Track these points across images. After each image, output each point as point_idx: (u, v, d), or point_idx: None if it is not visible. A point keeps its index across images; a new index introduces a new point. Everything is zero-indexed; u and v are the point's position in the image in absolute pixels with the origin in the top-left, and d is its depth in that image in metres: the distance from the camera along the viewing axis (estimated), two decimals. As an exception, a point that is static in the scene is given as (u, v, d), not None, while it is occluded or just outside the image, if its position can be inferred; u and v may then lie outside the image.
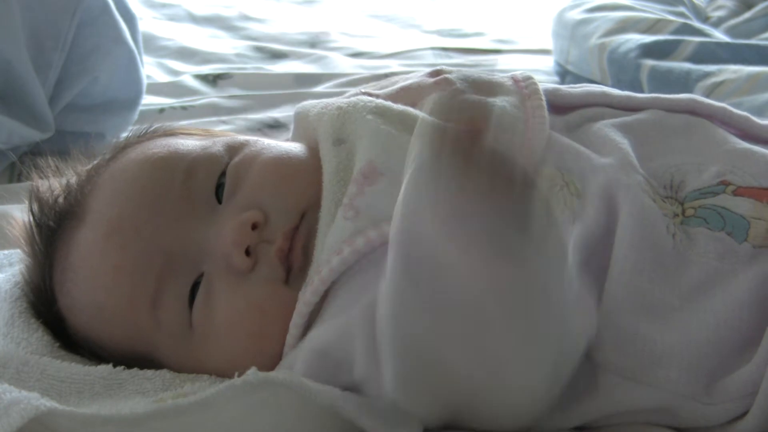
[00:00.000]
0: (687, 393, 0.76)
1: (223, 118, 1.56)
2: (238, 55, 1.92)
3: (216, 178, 0.86)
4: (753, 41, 1.58)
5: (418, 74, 0.96)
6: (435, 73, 0.94)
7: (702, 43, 1.52)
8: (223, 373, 0.80)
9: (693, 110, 0.90)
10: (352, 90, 0.98)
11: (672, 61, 1.50)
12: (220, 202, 0.85)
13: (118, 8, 1.42)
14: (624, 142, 0.85)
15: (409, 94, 0.91)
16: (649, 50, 1.52)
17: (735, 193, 0.82)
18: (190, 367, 0.83)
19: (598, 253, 0.79)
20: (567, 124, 0.89)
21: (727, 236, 0.80)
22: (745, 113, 0.91)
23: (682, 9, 1.72)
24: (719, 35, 1.62)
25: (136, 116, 1.49)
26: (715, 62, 1.47)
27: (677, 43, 1.53)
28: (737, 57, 1.48)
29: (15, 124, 1.32)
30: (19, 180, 1.35)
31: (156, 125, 0.97)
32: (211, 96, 1.68)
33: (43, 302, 0.89)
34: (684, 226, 0.80)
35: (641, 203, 0.80)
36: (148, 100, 1.59)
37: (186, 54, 1.91)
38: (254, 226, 0.82)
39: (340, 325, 0.76)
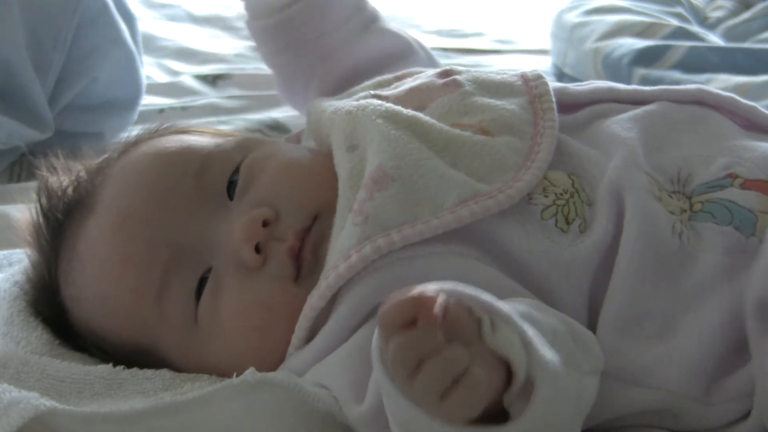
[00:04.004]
0: (687, 394, 0.76)
1: (223, 118, 1.56)
2: (238, 55, 1.91)
3: (228, 174, 0.87)
4: (745, 45, 1.58)
5: (427, 74, 0.95)
6: (444, 74, 0.93)
7: (692, 48, 1.52)
8: (225, 371, 0.80)
9: (701, 101, 0.90)
10: (363, 87, 0.97)
11: (661, 68, 1.50)
12: (231, 199, 0.86)
13: (117, 8, 1.42)
14: (631, 137, 0.85)
15: (419, 96, 0.91)
16: (641, 56, 1.53)
17: (742, 186, 0.82)
18: (192, 362, 0.84)
19: (606, 261, 0.79)
20: (575, 124, 0.89)
21: (734, 230, 0.79)
22: (753, 103, 0.91)
23: (680, 10, 1.72)
24: (713, 38, 1.62)
25: (135, 116, 1.49)
26: (706, 67, 1.47)
27: (666, 48, 1.53)
28: (729, 61, 1.48)
29: (15, 124, 1.33)
30: (19, 180, 1.35)
31: (167, 123, 0.98)
32: (211, 96, 1.68)
33: (47, 294, 0.89)
34: (691, 222, 0.80)
35: (644, 206, 0.80)
36: (148, 101, 1.59)
37: (186, 54, 1.90)
38: (265, 224, 0.82)
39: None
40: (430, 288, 0.63)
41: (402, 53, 1.10)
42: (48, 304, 0.89)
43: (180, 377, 0.83)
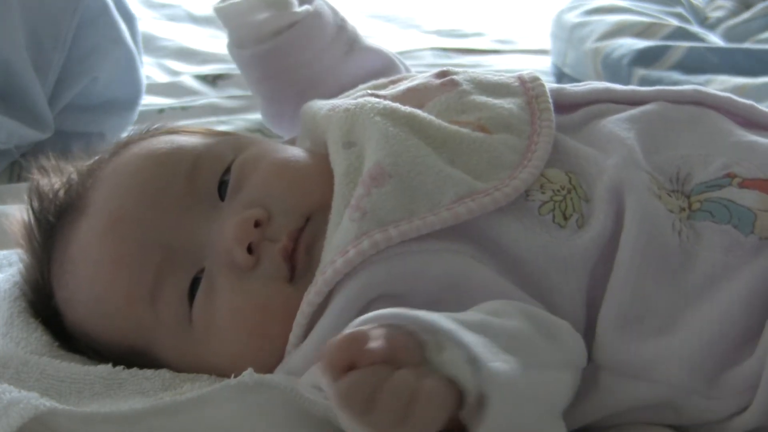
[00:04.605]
0: (689, 387, 0.77)
1: (223, 118, 1.56)
2: (237, 55, 1.91)
3: (219, 174, 0.86)
4: (745, 45, 1.58)
5: (424, 75, 0.95)
6: (441, 74, 0.93)
7: (692, 48, 1.52)
8: (223, 371, 0.80)
9: (698, 101, 0.90)
10: (358, 90, 0.97)
11: (660, 68, 1.50)
12: (222, 199, 0.85)
13: (117, 8, 1.42)
14: (629, 137, 0.85)
15: (416, 96, 0.91)
16: (641, 56, 1.53)
17: (741, 185, 0.82)
18: (188, 364, 0.84)
19: (605, 257, 0.79)
20: (572, 124, 0.89)
21: (733, 229, 0.80)
22: (750, 101, 0.91)
23: (680, 10, 1.72)
24: (713, 39, 1.62)
25: (135, 116, 1.49)
26: (705, 68, 1.48)
27: (666, 48, 1.53)
28: (728, 61, 1.48)
29: (15, 124, 1.33)
30: (19, 180, 1.35)
31: (158, 124, 0.98)
32: (211, 96, 1.69)
33: (41, 297, 0.89)
34: (690, 220, 0.81)
35: (646, 204, 0.80)
36: (148, 101, 1.59)
37: (185, 54, 1.91)
38: (257, 224, 0.82)
39: None
40: (362, 324, 0.66)
41: (385, 69, 1.10)
42: (44, 306, 0.89)
43: (180, 377, 0.82)
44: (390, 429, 0.63)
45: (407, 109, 0.87)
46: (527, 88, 0.90)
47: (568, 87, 0.94)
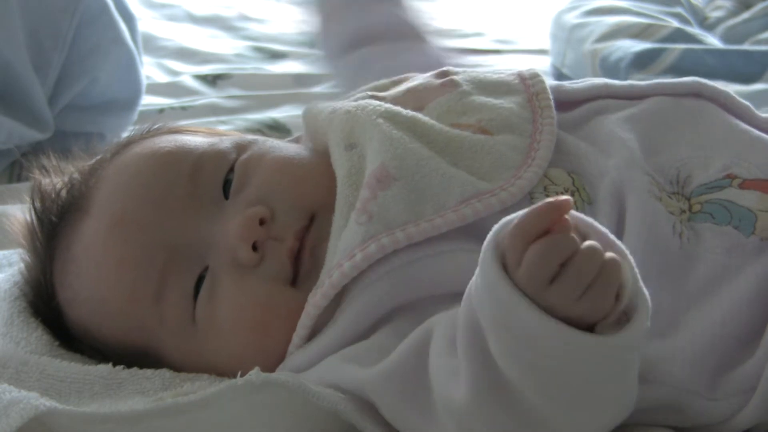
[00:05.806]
0: (691, 388, 0.76)
1: (223, 118, 1.56)
2: (237, 55, 1.92)
3: (224, 174, 0.86)
4: (743, 47, 1.58)
5: (424, 75, 0.95)
6: (441, 74, 0.93)
7: (688, 50, 1.52)
8: (224, 371, 0.80)
9: (698, 92, 0.90)
10: (359, 91, 0.97)
11: (654, 71, 1.50)
12: (226, 198, 0.85)
13: (117, 8, 1.42)
14: (630, 138, 0.85)
15: (417, 96, 0.91)
16: (637, 59, 1.53)
17: (741, 186, 0.82)
18: (191, 363, 0.84)
19: None
20: (573, 121, 0.89)
21: (733, 230, 0.80)
22: (747, 103, 0.91)
23: (679, 10, 1.72)
24: (712, 40, 1.62)
25: (135, 116, 1.50)
26: (700, 71, 1.47)
27: (660, 51, 1.53)
28: (725, 63, 1.48)
29: (15, 124, 1.33)
30: (19, 180, 1.36)
31: (159, 123, 0.97)
32: (211, 96, 1.69)
33: (43, 297, 0.89)
34: (691, 222, 0.81)
35: (647, 206, 0.80)
36: (148, 101, 1.59)
37: (185, 54, 1.91)
38: (261, 222, 0.82)
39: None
40: (561, 197, 0.66)
41: None
42: (45, 306, 0.89)
43: (180, 377, 0.82)
44: (567, 301, 0.64)
45: (408, 112, 0.86)
46: (527, 85, 0.90)
47: (568, 84, 0.94)
